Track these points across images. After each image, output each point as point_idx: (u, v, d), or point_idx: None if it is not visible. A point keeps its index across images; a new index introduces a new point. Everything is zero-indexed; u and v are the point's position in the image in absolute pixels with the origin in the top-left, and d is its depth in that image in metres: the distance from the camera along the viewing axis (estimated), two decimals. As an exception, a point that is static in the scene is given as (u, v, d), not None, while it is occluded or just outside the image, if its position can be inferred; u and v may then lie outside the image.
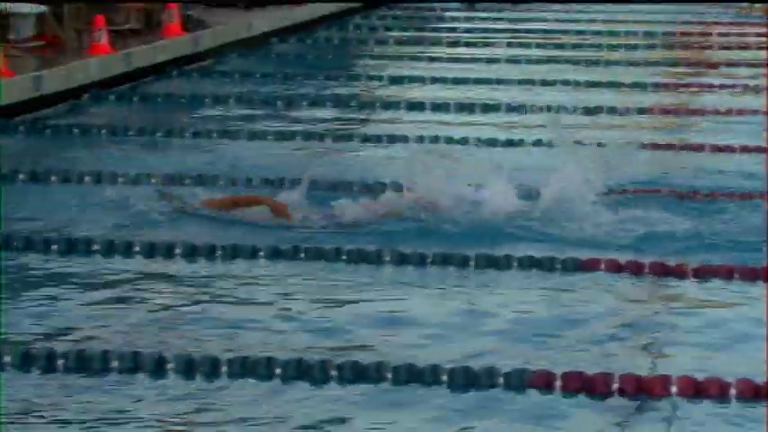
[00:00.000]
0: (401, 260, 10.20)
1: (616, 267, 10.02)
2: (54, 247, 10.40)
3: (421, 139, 14.72)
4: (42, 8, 17.36)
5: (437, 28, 26.36)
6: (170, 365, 7.69)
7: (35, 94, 16.05)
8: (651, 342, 8.73)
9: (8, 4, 16.79)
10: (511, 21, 26.93)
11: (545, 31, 24.95)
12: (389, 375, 7.52)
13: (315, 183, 11.83)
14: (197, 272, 10.21)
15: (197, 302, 9.44)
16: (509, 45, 23.09)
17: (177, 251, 10.38)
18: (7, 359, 7.73)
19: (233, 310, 9.22)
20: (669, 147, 14.83)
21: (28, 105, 15.78)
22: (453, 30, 25.62)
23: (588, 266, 10.05)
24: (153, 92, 17.98)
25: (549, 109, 16.74)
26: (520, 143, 14.70)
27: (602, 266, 10.03)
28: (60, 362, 7.72)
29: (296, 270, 10.19)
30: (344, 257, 10.22)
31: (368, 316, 9.13)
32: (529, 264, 10.11)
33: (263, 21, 23.97)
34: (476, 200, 11.35)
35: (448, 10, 29.18)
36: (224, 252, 10.36)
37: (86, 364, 7.70)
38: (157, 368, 7.67)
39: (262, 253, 10.33)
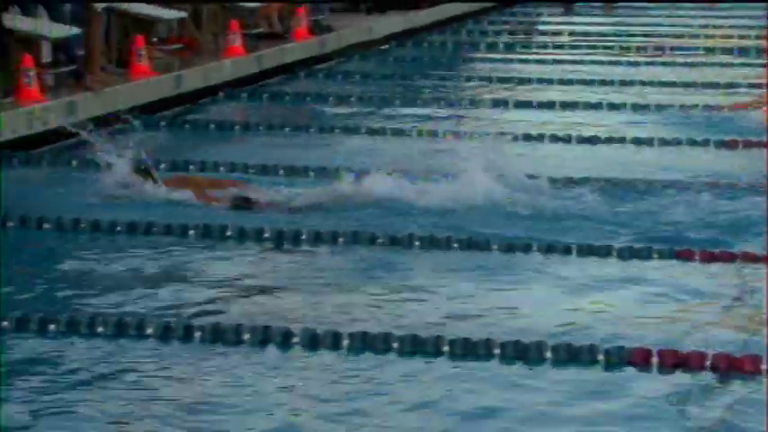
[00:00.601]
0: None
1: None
2: (191, 232, 10.43)
3: (528, 137, 14.67)
4: (182, 14, 17.52)
5: (543, 31, 26.19)
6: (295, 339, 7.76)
7: (175, 92, 16.23)
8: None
9: (151, 11, 16.94)
10: (612, 24, 26.84)
11: (644, 35, 24.71)
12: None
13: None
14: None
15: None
16: (608, 48, 22.93)
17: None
18: (150, 330, 7.87)
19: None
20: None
21: (169, 102, 15.95)
22: (558, 33, 25.46)
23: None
24: (281, 90, 18.07)
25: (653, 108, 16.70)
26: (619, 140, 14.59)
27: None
28: (197, 334, 7.83)
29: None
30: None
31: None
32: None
33: (382, 25, 24.00)
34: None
35: (550, 15, 29.20)
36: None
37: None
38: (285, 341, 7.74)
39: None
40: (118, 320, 8.00)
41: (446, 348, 7.62)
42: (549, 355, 7.54)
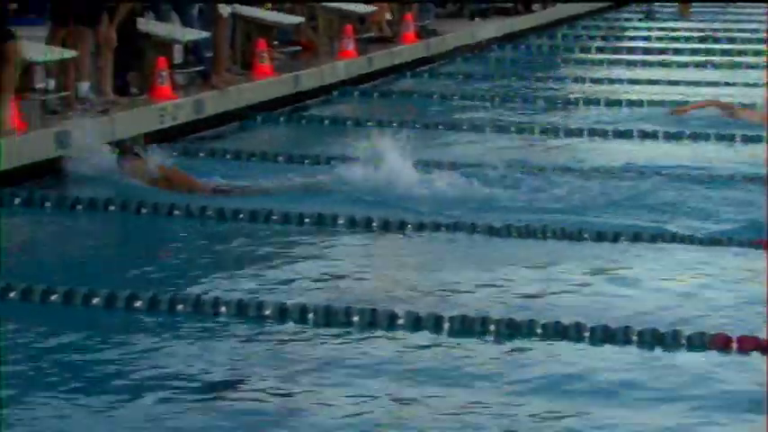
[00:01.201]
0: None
1: None
2: (307, 220, 10.43)
3: (619, 133, 14.60)
4: (300, 19, 17.62)
5: (632, 37, 25.94)
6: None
7: (294, 91, 16.30)
8: None
9: (272, 16, 17.07)
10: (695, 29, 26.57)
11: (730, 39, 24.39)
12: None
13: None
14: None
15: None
16: (696, 52, 22.69)
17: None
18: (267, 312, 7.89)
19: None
20: None
21: (288, 100, 16.02)
22: (646, 38, 25.22)
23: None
24: (390, 89, 18.08)
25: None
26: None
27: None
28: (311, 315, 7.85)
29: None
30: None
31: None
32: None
33: (484, 30, 23.91)
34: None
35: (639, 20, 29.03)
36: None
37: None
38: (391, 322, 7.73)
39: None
40: (237, 302, 8.01)
41: (539, 331, 7.59)
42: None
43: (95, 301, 8.01)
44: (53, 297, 8.07)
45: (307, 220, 10.35)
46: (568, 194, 11.31)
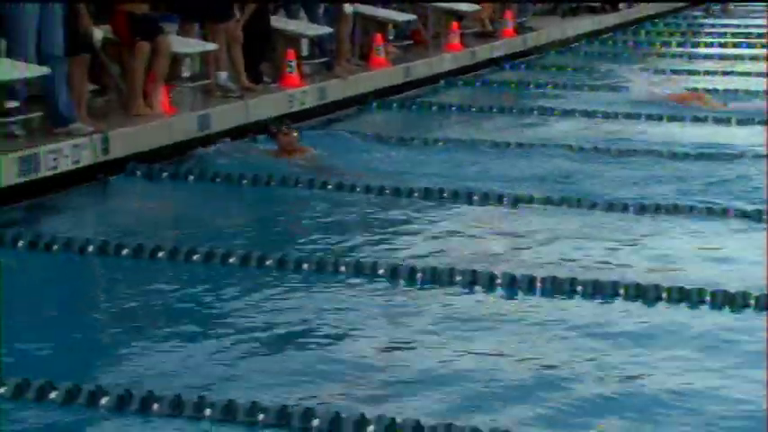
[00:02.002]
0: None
1: None
2: (415, 194, 10.40)
3: (695, 118, 14.39)
4: (413, 16, 17.64)
5: (709, 32, 25.46)
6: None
7: (405, 80, 16.34)
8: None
9: (388, 14, 17.11)
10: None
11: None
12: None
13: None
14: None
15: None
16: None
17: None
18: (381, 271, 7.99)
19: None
20: None
21: (400, 88, 16.04)
22: (722, 34, 24.69)
23: None
24: (491, 79, 18.03)
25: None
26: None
27: None
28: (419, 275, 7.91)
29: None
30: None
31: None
32: None
33: (574, 26, 23.80)
34: None
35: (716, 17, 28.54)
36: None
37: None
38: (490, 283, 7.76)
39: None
40: (356, 262, 8.12)
41: (665, 295, 7.50)
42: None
43: (232, 260, 8.16)
44: (195, 257, 8.24)
45: (415, 194, 10.38)
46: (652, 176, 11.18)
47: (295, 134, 11.54)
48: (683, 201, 10.19)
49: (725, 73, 18.78)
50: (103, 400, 5.65)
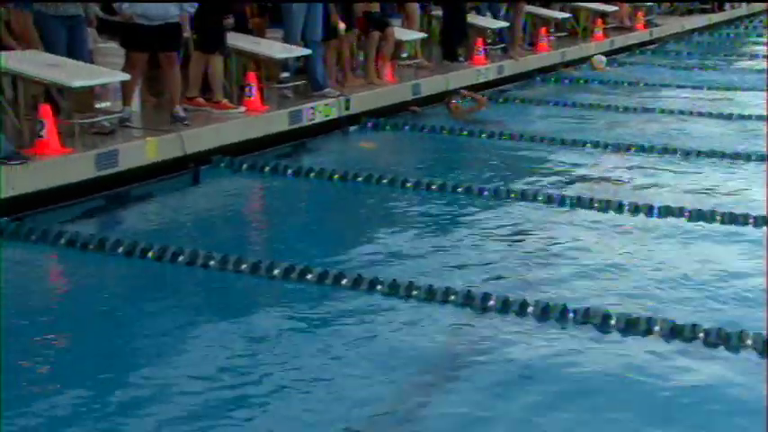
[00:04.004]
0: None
1: None
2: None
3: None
4: (568, 15, 17.21)
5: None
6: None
7: (563, 60, 15.93)
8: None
9: (549, 12, 16.70)
10: None
11: None
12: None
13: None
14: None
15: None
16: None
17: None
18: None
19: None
20: None
21: (557, 66, 15.66)
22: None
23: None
24: (626, 61, 17.23)
25: None
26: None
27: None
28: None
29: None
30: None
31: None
32: None
33: (691, 22, 22.81)
34: None
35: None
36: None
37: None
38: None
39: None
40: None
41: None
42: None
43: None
44: (433, 187, 8.12)
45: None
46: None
47: (462, 102, 11.49)
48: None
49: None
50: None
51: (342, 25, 11.04)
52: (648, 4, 21.27)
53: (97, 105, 8.38)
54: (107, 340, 4.98)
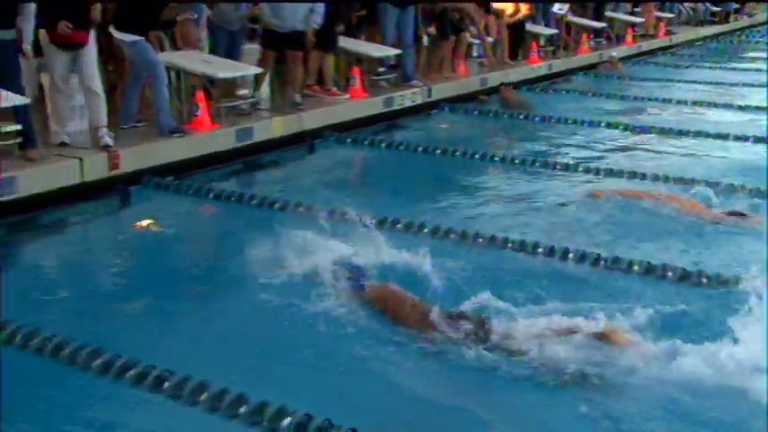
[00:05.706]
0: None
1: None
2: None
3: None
4: (604, 24, 16.32)
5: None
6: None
7: (599, 60, 15.00)
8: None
9: (583, 22, 15.87)
10: None
11: None
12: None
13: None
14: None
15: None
16: None
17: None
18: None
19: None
20: None
21: (594, 66, 14.74)
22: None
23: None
24: (649, 61, 16.19)
25: None
26: None
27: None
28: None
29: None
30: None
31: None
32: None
33: (704, 31, 21.44)
34: None
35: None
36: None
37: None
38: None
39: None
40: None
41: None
42: None
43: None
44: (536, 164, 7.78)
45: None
46: None
47: (513, 89, 11.05)
48: None
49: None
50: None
51: (425, 36, 10.73)
52: (669, 16, 20.20)
53: (237, 92, 8.29)
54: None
